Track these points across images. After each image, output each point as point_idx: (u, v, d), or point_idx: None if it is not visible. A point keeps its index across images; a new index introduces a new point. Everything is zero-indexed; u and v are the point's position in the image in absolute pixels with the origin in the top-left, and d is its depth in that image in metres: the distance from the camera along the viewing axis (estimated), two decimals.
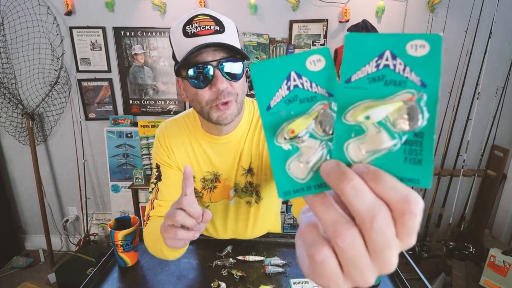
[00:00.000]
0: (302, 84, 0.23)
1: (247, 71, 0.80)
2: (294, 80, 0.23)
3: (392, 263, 0.19)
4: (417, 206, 0.18)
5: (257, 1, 2.07)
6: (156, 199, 0.83)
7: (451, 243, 2.15)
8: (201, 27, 0.64)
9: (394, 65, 0.20)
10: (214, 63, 0.65)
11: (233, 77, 0.68)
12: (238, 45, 0.69)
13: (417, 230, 0.19)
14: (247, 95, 0.85)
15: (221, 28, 0.66)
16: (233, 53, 0.67)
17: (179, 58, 0.68)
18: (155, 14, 2.12)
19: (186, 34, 0.65)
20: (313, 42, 2.06)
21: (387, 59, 0.20)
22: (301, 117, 0.23)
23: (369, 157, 0.21)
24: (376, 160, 0.21)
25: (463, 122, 2.10)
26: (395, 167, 0.21)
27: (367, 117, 0.20)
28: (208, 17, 0.66)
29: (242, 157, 0.85)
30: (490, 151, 2.19)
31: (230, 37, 0.67)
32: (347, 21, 2.07)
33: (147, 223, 0.82)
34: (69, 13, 2.10)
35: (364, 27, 2.04)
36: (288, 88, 0.23)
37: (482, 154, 2.17)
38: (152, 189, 0.85)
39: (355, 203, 0.19)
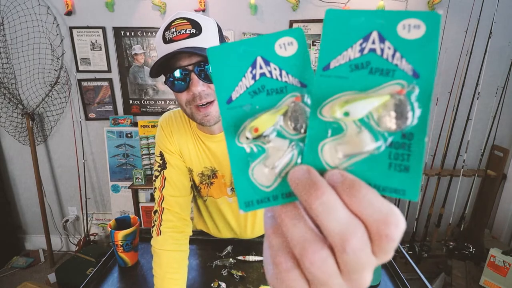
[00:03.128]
0: (270, 72, 0.19)
1: None
2: (261, 67, 0.19)
3: (365, 283, 0.17)
4: (397, 229, 0.16)
5: (257, 1, 2.07)
6: (164, 187, 0.84)
7: (451, 243, 2.15)
8: (177, 32, 0.65)
9: (382, 50, 0.17)
10: (190, 67, 0.67)
11: (211, 79, 0.68)
12: (216, 41, 0.69)
13: (395, 248, 0.16)
14: None
15: (197, 31, 0.65)
16: None
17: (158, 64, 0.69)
18: (155, 14, 2.12)
19: (164, 40, 0.66)
20: (313, 42, 2.06)
21: (373, 42, 0.17)
22: (267, 112, 0.18)
23: (347, 161, 0.17)
24: (355, 165, 0.17)
25: (463, 122, 2.10)
26: (377, 173, 0.17)
27: (346, 113, 0.17)
28: (185, 21, 0.66)
29: None
30: (490, 151, 2.19)
31: (206, 39, 0.66)
32: None
33: (161, 231, 0.81)
34: (69, 13, 2.10)
35: None
36: (254, 77, 0.19)
37: (482, 154, 2.17)
38: (156, 177, 0.86)
39: (325, 222, 0.16)
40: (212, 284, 0.78)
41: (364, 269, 0.16)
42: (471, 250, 2.07)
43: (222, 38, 0.72)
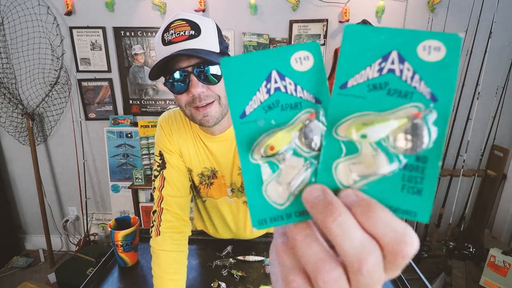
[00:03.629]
0: (285, 86, 0.19)
1: None
2: (276, 82, 0.18)
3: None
4: (412, 249, 0.16)
5: (257, 1, 2.07)
6: (163, 187, 0.83)
7: (451, 243, 2.15)
8: (176, 34, 0.65)
9: (401, 71, 0.17)
10: (189, 69, 0.67)
11: (211, 81, 0.68)
12: (215, 45, 0.68)
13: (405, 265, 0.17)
14: None
15: (196, 32, 0.65)
16: (209, 56, 0.67)
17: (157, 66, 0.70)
18: (155, 14, 2.12)
19: (163, 41, 0.66)
20: None
21: (392, 62, 0.17)
22: (283, 129, 0.19)
23: (360, 180, 0.18)
24: (368, 185, 0.18)
25: (463, 122, 2.10)
26: (390, 195, 0.17)
27: (363, 136, 0.17)
28: (184, 22, 0.66)
29: (238, 157, 0.85)
30: (490, 151, 2.19)
31: (206, 40, 0.66)
32: (347, 21, 2.07)
33: (160, 232, 0.81)
34: (69, 13, 2.10)
35: None
36: (268, 91, 0.19)
37: (482, 154, 2.17)
38: (155, 177, 0.86)
39: (341, 243, 0.16)
40: (212, 284, 0.78)
41: (376, 286, 0.16)
42: (471, 250, 2.07)
43: (221, 39, 0.71)
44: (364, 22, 2.03)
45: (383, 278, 0.17)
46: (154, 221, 0.83)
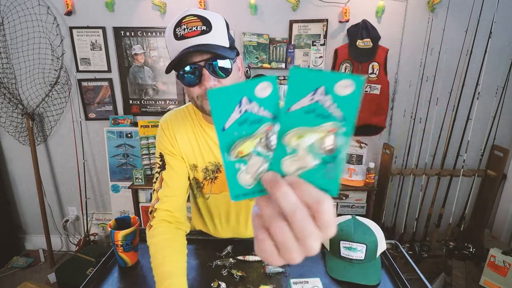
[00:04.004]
0: (252, 108, 0.26)
1: (248, 68, 0.82)
2: (245, 105, 0.26)
3: (313, 248, 0.25)
4: (325, 205, 0.24)
5: (257, 1, 2.07)
6: (161, 188, 0.86)
7: (451, 243, 2.15)
8: (188, 29, 0.67)
9: (324, 101, 0.25)
10: (202, 63, 0.70)
11: (222, 74, 0.71)
12: (225, 40, 0.72)
13: (333, 223, 0.25)
14: None
15: (207, 28, 0.68)
16: (221, 51, 0.70)
17: (170, 60, 0.72)
18: (155, 14, 2.12)
19: (176, 36, 0.68)
20: (313, 42, 2.06)
21: (320, 94, 0.25)
22: (249, 139, 0.28)
23: (297, 171, 0.27)
24: (302, 174, 0.27)
25: (463, 122, 2.10)
26: (315, 179, 0.27)
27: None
28: (195, 18, 0.68)
29: None
30: (490, 151, 2.19)
31: (217, 35, 0.69)
32: (347, 21, 2.07)
33: (151, 225, 0.83)
34: (69, 13, 2.10)
35: (364, 27, 2.04)
36: (240, 111, 0.27)
37: (482, 154, 2.17)
38: (156, 178, 0.88)
39: (282, 204, 0.25)
40: (212, 284, 0.78)
41: (311, 236, 0.24)
42: (471, 250, 2.07)
43: (229, 34, 0.74)
44: (364, 22, 2.03)
45: (316, 231, 0.25)
46: (149, 220, 0.85)
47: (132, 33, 2.15)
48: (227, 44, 0.72)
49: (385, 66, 2.15)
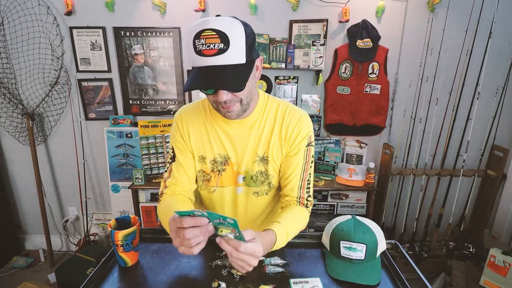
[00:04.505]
0: (225, 224, 0.62)
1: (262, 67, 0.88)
2: (221, 222, 0.63)
3: (244, 269, 0.65)
4: (241, 248, 0.62)
5: (257, 1, 2.07)
6: (169, 178, 0.94)
7: (451, 243, 2.15)
8: (206, 46, 0.67)
9: (225, 220, 0.61)
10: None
11: (235, 90, 0.72)
12: (242, 56, 0.69)
13: (253, 265, 0.65)
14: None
15: (225, 46, 0.67)
16: (236, 74, 0.70)
17: (191, 69, 0.75)
18: (155, 14, 2.12)
19: (195, 49, 0.69)
20: (313, 42, 2.06)
21: (223, 220, 0.62)
22: (226, 228, 0.63)
23: (233, 237, 0.63)
24: (235, 236, 0.63)
25: (463, 122, 2.11)
26: (238, 238, 0.63)
27: (222, 233, 0.65)
28: (214, 33, 0.67)
29: (258, 145, 0.90)
30: (490, 151, 2.19)
31: (233, 54, 0.68)
32: (347, 21, 2.07)
33: (160, 200, 0.93)
34: (69, 13, 2.10)
35: (364, 27, 2.04)
36: (221, 223, 0.63)
37: (482, 154, 2.17)
38: (167, 168, 0.96)
39: (227, 250, 0.63)
40: (212, 284, 0.78)
41: (233, 262, 0.66)
42: (471, 250, 2.07)
43: (249, 47, 0.71)
44: (364, 22, 2.03)
45: (242, 264, 0.64)
46: (158, 199, 0.94)
47: (132, 33, 2.15)
48: (243, 60, 0.70)
49: (385, 66, 2.15)
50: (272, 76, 2.22)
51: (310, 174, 0.92)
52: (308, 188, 0.93)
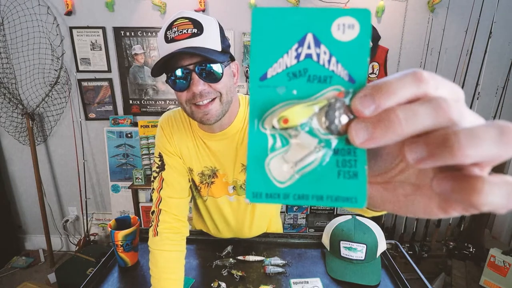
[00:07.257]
0: (318, 55, 0.16)
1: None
2: (309, 47, 0.16)
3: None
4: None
5: (257, 1, 2.07)
6: (162, 188, 0.85)
7: (451, 243, 2.15)
8: (179, 32, 0.65)
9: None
10: (191, 67, 0.67)
11: (212, 79, 0.68)
12: (217, 44, 0.68)
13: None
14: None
15: (198, 31, 0.65)
16: (211, 54, 0.67)
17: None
18: (155, 14, 2.12)
19: (166, 39, 0.66)
20: None
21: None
22: (303, 103, 0.16)
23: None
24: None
25: None
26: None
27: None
28: (186, 20, 0.66)
29: (240, 154, 0.85)
30: None
31: (208, 39, 0.66)
32: None
33: (157, 232, 0.82)
34: (69, 13, 2.10)
35: None
36: (298, 56, 0.17)
37: None
38: (155, 178, 0.86)
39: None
40: (212, 284, 0.78)
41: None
42: (471, 250, 2.07)
43: (223, 38, 0.71)
44: None
45: None
46: (153, 221, 0.83)
47: (132, 33, 2.15)
48: (219, 48, 0.68)
49: (385, 66, 2.15)
50: None
51: None
52: None
